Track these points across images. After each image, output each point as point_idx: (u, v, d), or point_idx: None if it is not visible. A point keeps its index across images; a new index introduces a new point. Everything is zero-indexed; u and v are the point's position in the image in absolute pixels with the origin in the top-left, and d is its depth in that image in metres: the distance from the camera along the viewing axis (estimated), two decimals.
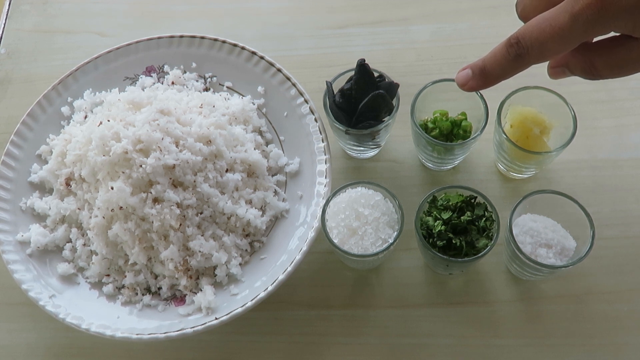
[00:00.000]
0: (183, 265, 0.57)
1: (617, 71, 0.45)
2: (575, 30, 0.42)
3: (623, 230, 0.62)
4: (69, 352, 0.61)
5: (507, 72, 0.46)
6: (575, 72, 0.47)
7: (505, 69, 0.45)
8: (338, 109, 0.58)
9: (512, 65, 0.45)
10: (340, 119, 0.58)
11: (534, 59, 0.44)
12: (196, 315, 0.56)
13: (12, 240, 0.61)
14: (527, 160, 0.60)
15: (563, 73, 0.48)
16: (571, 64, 0.46)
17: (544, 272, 0.54)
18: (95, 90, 0.69)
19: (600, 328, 0.57)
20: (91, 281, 0.60)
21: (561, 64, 0.47)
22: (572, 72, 0.47)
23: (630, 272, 0.60)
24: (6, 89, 0.78)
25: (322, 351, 0.59)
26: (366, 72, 0.57)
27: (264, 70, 0.67)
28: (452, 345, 0.58)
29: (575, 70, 0.46)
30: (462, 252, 0.53)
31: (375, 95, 0.56)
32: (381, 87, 0.57)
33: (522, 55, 0.44)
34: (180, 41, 0.69)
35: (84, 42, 0.81)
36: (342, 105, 0.58)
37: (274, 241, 0.60)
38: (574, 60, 0.46)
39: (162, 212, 0.56)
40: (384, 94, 0.56)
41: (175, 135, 0.58)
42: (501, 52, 0.45)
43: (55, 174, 0.63)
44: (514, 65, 0.45)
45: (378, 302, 0.60)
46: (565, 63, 0.47)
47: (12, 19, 0.84)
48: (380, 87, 0.57)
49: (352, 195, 0.56)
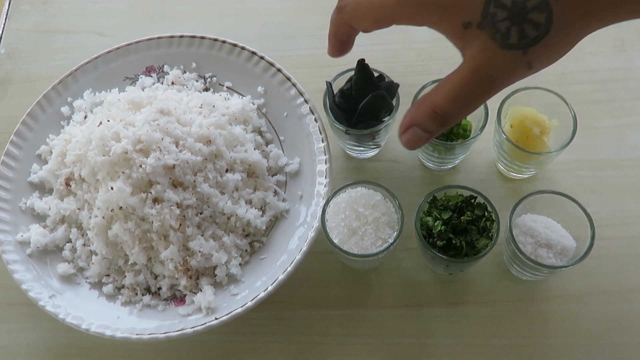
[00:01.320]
0: (183, 265, 0.57)
1: (458, 101, 0.44)
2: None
3: (623, 230, 0.62)
4: (69, 352, 0.61)
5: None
6: (424, 124, 0.45)
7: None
8: (338, 109, 0.58)
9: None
10: (340, 119, 0.58)
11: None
12: (196, 315, 0.56)
13: (12, 240, 0.61)
14: (527, 160, 0.60)
15: (415, 134, 0.46)
16: (416, 118, 0.45)
17: (544, 272, 0.54)
18: (95, 90, 0.69)
19: (600, 328, 0.57)
20: (91, 281, 0.60)
21: (409, 124, 0.46)
22: (422, 126, 0.45)
23: (630, 272, 0.60)
24: (6, 89, 0.78)
25: (322, 351, 0.59)
26: (366, 72, 0.57)
27: (264, 70, 0.67)
28: (452, 345, 0.58)
29: (423, 122, 0.45)
30: (462, 252, 0.53)
31: (375, 95, 0.56)
32: (381, 87, 0.57)
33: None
34: (180, 41, 0.69)
35: (84, 42, 0.81)
36: (342, 105, 0.58)
37: (274, 241, 0.60)
38: (418, 114, 0.45)
39: (162, 212, 0.56)
40: (383, 94, 0.56)
41: (175, 135, 0.58)
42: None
43: (55, 174, 0.63)
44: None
45: (378, 302, 0.60)
46: (411, 122, 0.46)
47: (12, 19, 0.84)
48: (380, 87, 0.57)
49: (352, 195, 0.56)
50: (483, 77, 0.43)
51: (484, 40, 0.42)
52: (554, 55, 0.43)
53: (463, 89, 0.43)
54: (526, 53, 0.41)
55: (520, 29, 0.40)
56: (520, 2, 0.40)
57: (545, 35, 0.40)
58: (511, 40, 0.41)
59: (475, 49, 0.42)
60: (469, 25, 0.42)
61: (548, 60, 0.43)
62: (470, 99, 0.44)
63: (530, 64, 0.42)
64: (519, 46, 0.41)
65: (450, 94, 0.44)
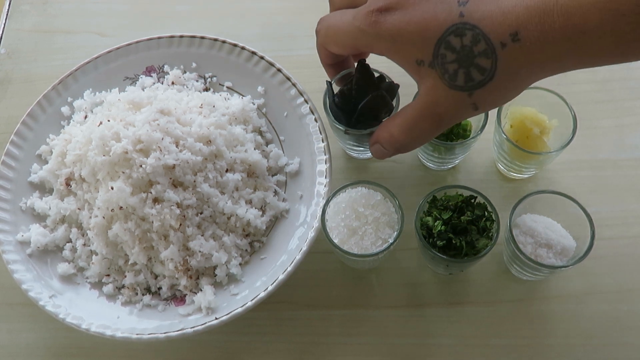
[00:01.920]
0: (183, 265, 0.57)
1: (409, 133, 0.48)
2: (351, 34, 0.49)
3: (623, 230, 0.62)
4: (69, 352, 0.61)
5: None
6: (383, 145, 0.51)
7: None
8: (338, 109, 0.58)
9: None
10: (339, 119, 0.58)
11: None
12: (196, 315, 0.56)
13: (12, 240, 0.61)
14: (527, 160, 0.60)
15: (379, 150, 0.52)
16: (379, 139, 0.51)
17: (544, 272, 0.54)
18: (95, 90, 0.69)
19: (600, 328, 0.57)
20: (91, 281, 0.60)
21: (374, 141, 0.52)
22: (382, 146, 0.51)
23: (630, 272, 0.60)
24: (6, 89, 0.78)
25: (322, 351, 0.59)
26: (367, 73, 0.56)
27: (264, 70, 0.67)
28: (452, 345, 0.58)
29: (383, 143, 0.51)
30: (462, 252, 0.53)
31: (375, 95, 0.55)
32: (381, 87, 0.57)
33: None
34: (180, 41, 0.69)
35: (84, 42, 0.81)
36: (342, 106, 0.58)
37: (274, 241, 0.60)
38: (380, 136, 0.51)
39: (162, 212, 0.56)
40: (383, 95, 0.56)
41: (175, 135, 0.58)
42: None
43: (55, 174, 0.63)
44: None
45: (378, 302, 0.60)
46: (375, 139, 0.52)
47: (12, 19, 0.84)
48: (380, 88, 0.57)
49: (352, 195, 0.56)
50: (432, 114, 0.46)
51: (434, 78, 0.44)
52: (499, 99, 0.46)
53: (415, 123, 0.48)
54: (472, 95, 0.44)
55: (467, 72, 0.43)
56: (468, 47, 0.42)
57: (490, 80, 0.43)
58: (458, 82, 0.43)
59: (428, 85, 0.45)
60: (422, 62, 0.45)
61: (493, 103, 0.46)
62: (420, 133, 0.48)
63: (476, 105, 0.45)
64: (465, 88, 0.44)
65: (404, 126, 0.49)
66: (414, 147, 0.51)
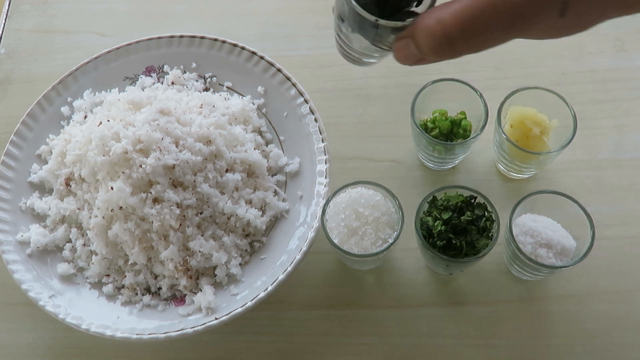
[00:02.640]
0: (183, 265, 0.57)
1: (469, 24, 0.34)
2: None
3: (623, 230, 0.62)
4: (69, 352, 0.61)
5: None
6: (419, 39, 0.36)
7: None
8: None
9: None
10: (369, 9, 0.39)
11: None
12: (196, 315, 0.56)
13: (12, 240, 0.61)
14: (527, 160, 0.60)
15: (406, 47, 0.38)
16: (416, 29, 0.36)
17: (544, 272, 0.54)
18: (95, 90, 0.69)
19: (600, 328, 0.57)
20: (91, 281, 0.60)
21: (408, 33, 0.37)
22: (416, 41, 0.37)
23: (630, 272, 0.60)
24: (6, 89, 0.78)
25: (322, 351, 0.59)
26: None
27: (264, 70, 0.67)
28: (452, 345, 0.58)
29: (419, 36, 0.36)
30: (462, 252, 0.53)
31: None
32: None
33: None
34: (180, 41, 0.69)
35: (84, 42, 0.81)
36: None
37: (274, 241, 0.60)
38: (419, 24, 0.36)
39: (162, 212, 0.56)
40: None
41: (175, 135, 0.58)
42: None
43: (55, 174, 0.63)
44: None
45: (378, 302, 0.60)
46: (410, 31, 0.37)
47: (12, 19, 0.84)
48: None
49: (352, 195, 0.56)
50: (509, 5, 0.33)
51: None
52: (593, 8, 0.34)
53: (481, 12, 0.34)
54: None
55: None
56: None
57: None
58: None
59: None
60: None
61: (588, 10, 0.34)
62: (484, 28, 0.34)
63: (567, 3, 0.33)
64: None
65: (463, 12, 0.34)
66: (463, 52, 0.36)
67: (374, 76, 0.73)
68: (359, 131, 0.70)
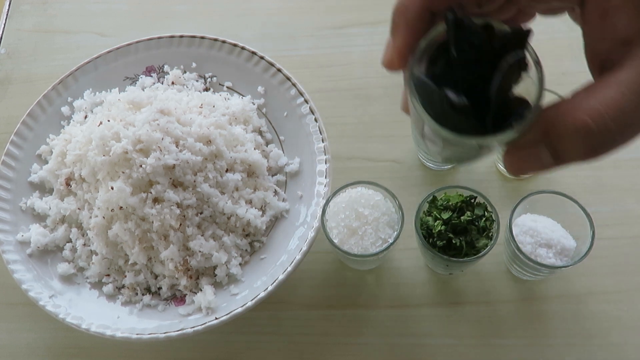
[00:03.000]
0: (183, 265, 0.57)
1: (628, 115, 0.27)
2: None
3: (623, 230, 0.62)
4: (69, 352, 0.61)
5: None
6: (561, 143, 0.29)
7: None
8: (459, 110, 0.30)
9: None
10: (464, 125, 0.30)
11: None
12: (196, 315, 0.56)
13: (12, 240, 0.61)
14: None
15: (534, 157, 0.30)
16: (554, 131, 0.29)
17: (544, 272, 0.54)
18: (95, 90, 0.69)
19: (600, 328, 0.57)
20: (91, 281, 0.60)
21: (537, 139, 0.29)
22: (555, 146, 0.29)
23: (630, 272, 0.60)
24: (6, 89, 0.78)
25: (322, 351, 0.59)
26: (468, 28, 0.30)
27: (264, 70, 0.67)
28: (452, 345, 0.58)
29: (561, 139, 0.28)
30: (462, 252, 0.53)
31: (512, 62, 0.29)
32: (504, 45, 0.30)
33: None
34: (180, 41, 0.69)
35: (84, 42, 0.81)
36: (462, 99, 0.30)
37: (274, 241, 0.60)
38: (558, 124, 0.28)
39: (162, 212, 0.56)
40: (523, 57, 0.30)
41: (175, 135, 0.58)
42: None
43: (55, 174, 0.63)
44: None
45: (378, 302, 0.60)
46: (544, 135, 0.29)
47: (12, 19, 0.84)
48: (504, 47, 0.30)
49: (352, 195, 0.56)
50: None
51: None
52: None
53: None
54: None
55: None
56: None
57: None
58: None
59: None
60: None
61: None
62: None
63: None
64: None
65: (621, 100, 0.27)
66: (620, 146, 0.29)
67: (374, 76, 0.73)
68: (359, 131, 0.70)
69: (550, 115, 0.29)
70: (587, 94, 0.28)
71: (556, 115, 0.28)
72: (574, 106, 0.28)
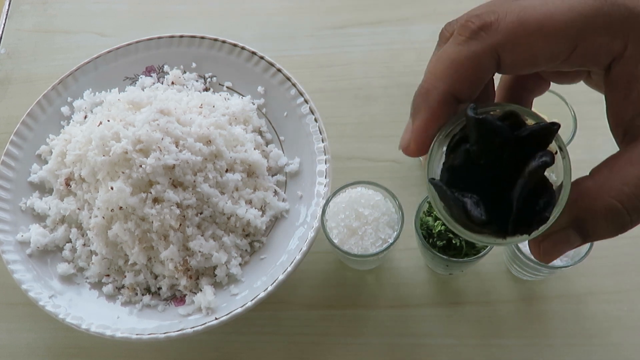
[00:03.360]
0: (183, 265, 0.57)
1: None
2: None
3: None
4: (69, 352, 0.61)
5: None
6: (591, 226, 0.29)
7: None
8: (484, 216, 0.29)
9: None
10: (481, 230, 0.30)
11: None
12: (196, 315, 0.56)
13: (12, 240, 0.61)
14: None
15: (565, 239, 0.30)
16: (584, 214, 0.29)
17: (544, 272, 0.54)
18: (95, 90, 0.69)
19: (600, 328, 0.57)
20: (91, 281, 0.60)
21: (568, 223, 0.29)
22: (584, 228, 0.29)
23: (630, 272, 0.60)
24: (6, 89, 0.78)
25: (322, 351, 0.59)
26: (490, 125, 0.29)
27: (264, 70, 0.67)
28: (452, 345, 0.58)
29: (592, 221, 0.29)
30: (462, 252, 0.53)
31: (539, 165, 0.28)
32: (530, 141, 0.29)
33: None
34: (180, 41, 0.69)
35: (84, 42, 0.81)
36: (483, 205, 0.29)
37: (274, 241, 0.60)
38: (588, 206, 0.29)
39: (162, 212, 0.56)
40: (548, 160, 0.28)
41: (175, 135, 0.58)
42: None
43: (55, 174, 0.63)
44: None
45: (378, 302, 0.60)
46: (575, 217, 0.29)
47: (12, 19, 0.84)
48: (530, 143, 0.29)
49: (352, 195, 0.56)
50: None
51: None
52: None
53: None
54: None
55: None
56: None
57: None
58: None
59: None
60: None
61: None
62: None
63: None
64: None
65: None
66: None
67: (374, 76, 0.73)
68: (359, 131, 0.70)
69: (577, 201, 0.29)
70: (611, 173, 0.29)
71: (583, 199, 0.29)
72: (601, 188, 0.28)
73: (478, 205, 0.28)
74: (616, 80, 0.29)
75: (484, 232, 0.30)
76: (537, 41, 0.28)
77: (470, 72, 0.30)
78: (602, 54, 0.29)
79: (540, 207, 0.29)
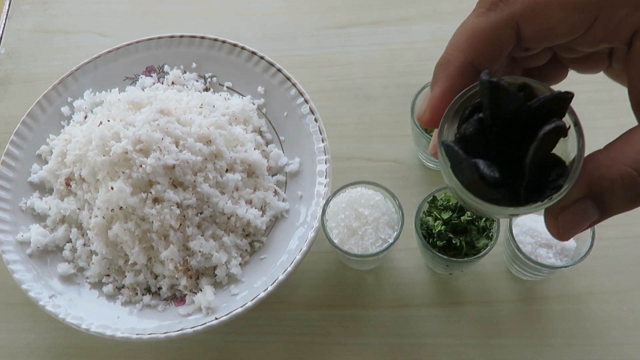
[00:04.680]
0: (183, 265, 0.57)
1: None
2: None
3: (623, 230, 0.62)
4: (69, 352, 0.61)
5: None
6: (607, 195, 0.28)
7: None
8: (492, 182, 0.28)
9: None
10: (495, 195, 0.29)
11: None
12: (196, 315, 0.56)
13: (12, 240, 0.61)
14: None
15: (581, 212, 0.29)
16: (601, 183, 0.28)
17: (544, 272, 0.54)
18: (95, 90, 0.69)
19: (600, 328, 0.57)
20: (91, 281, 0.60)
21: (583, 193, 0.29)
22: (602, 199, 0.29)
23: (630, 272, 0.60)
24: (6, 89, 0.78)
25: (322, 351, 0.59)
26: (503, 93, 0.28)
27: (264, 70, 0.67)
28: (452, 345, 0.58)
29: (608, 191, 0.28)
30: (462, 252, 0.53)
31: (551, 131, 0.28)
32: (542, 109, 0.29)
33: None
34: (180, 41, 0.69)
35: (84, 42, 0.81)
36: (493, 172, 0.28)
37: (274, 241, 0.60)
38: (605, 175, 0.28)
39: (162, 212, 0.56)
40: (561, 127, 0.28)
41: (175, 135, 0.58)
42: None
43: (55, 174, 0.63)
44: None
45: (378, 302, 0.60)
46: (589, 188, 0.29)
47: (12, 19, 0.84)
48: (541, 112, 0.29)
49: (352, 195, 0.56)
50: None
51: None
52: None
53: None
54: None
55: None
56: None
57: None
58: None
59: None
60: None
61: None
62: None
63: None
64: None
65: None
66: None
67: (374, 76, 0.73)
68: (359, 131, 0.70)
69: (591, 170, 0.28)
70: (626, 145, 0.29)
71: (598, 169, 0.28)
72: (615, 157, 0.28)
73: (491, 166, 0.28)
74: (638, 55, 0.29)
75: (496, 201, 0.29)
76: (556, 12, 0.28)
77: (489, 42, 0.30)
78: (624, 27, 0.28)
79: (553, 177, 0.28)
